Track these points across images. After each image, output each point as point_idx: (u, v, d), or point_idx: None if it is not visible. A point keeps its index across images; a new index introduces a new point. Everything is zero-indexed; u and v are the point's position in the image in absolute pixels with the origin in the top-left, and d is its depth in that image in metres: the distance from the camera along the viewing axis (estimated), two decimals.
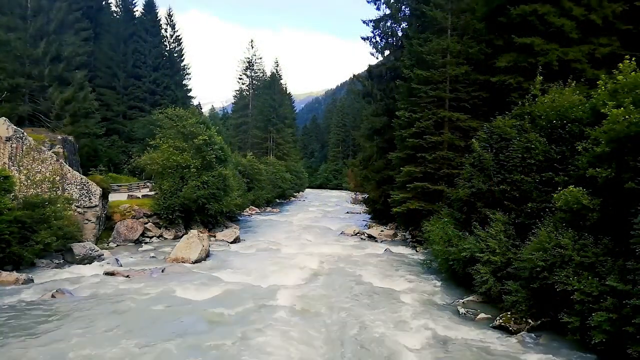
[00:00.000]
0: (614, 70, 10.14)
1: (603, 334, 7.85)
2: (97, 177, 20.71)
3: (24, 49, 26.87)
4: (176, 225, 22.58)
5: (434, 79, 19.99)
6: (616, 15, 16.05)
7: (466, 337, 9.39)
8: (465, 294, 12.45)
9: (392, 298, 12.27)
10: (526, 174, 11.71)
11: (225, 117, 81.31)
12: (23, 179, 16.08)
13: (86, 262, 15.37)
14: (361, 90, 32.40)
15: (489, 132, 13.69)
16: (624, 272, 8.04)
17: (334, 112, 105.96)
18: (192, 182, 22.36)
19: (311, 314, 10.62)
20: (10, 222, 13.26)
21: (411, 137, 20.21)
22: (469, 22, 20.10)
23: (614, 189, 8.95)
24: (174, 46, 49.03)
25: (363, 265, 16.37)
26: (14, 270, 13.21)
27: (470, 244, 12.04)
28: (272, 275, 14.57)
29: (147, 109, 41.33)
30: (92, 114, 32.79)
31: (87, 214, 18.32)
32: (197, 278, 13.71)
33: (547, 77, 14.30)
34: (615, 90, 9.74)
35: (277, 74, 67.25)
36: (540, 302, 9.78)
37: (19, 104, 26.97)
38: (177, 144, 23.29)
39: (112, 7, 47.27)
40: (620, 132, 8.69)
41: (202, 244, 16.99)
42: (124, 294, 11.61)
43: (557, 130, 11.63)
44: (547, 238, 9.53)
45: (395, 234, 24.70)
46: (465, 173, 14.32)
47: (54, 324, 9.24)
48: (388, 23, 28.60)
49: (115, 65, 42.63)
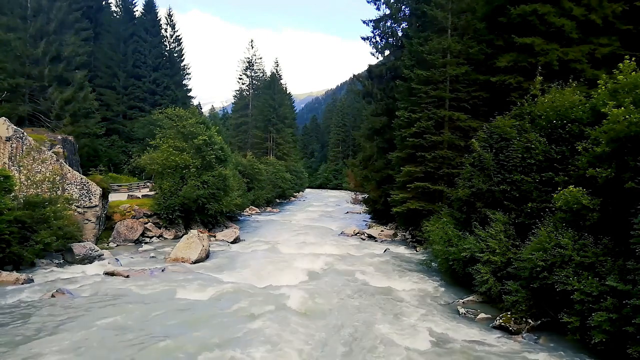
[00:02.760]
0: (614, 70, 10.14)
1: (603, 334, 7.85)
2: (97, 177, 20.71)
3: (24, 49, 26.90)
4: (176, 225, 22.59)
5: (434, 78, 19.99)
6: (616, 15, 16.04)
7: (466, 337, 9.38)
8: (465, 294, 12.46)
9: (392, 298, 12.27)
10: (526, 174, 11.71)
11: (225, 117, 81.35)
12: (23, 179, 16.09)
13: (86, 262, 15.37)
14: (361, 90, 32.40)
15: (488, 132, 13.69)
16: (624, 272, 8.04)
17: (334, 112, 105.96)
18: (192, 182, 22.36)
19: (311, 313, 10.62)
20: (11, 222, 13.28)
21: (411, 137, 20.20)
22: (469, 22, 20.09)
23: (614, 189, 8.95)
24: (174, 46, 49.05)
25: (363, 265, 16.36)
26: (14, 270, 13.22)
27: (470, 244, 12.04)
28: (272, 275, 14.57)
29: (147, 109, 41.35)
30: (92, 114, 32.83)
31: (87, 214, 18.32)
32: (197, 278, 13.70)
33: (547, 77, 14.31)
34: (615, 90, 9.74)
35: (277, 74, 67.26)
36: (540, 302, 9.78)
37: (19, 104, 27.00)
38: (177, 144, 23.30)
39: (112, 7, 47.37)
40: (620, 132, 8.69)
41: (202, 244, 16.99)
42: (124, 294, 11.62)
43: (557, 130, 11.62)
44: (547, 238, 9.53)
45: (395, 234, 24.71)
46: (465, 173, 14.32)
47: (54, 324, 9.23)
48: (388, 23, 28.62)
49: (115, 65, 42.64)
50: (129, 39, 43.98)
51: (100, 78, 41.25)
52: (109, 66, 42.31)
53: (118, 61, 42.79)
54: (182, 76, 49.87)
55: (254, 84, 68.21)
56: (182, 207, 22.18)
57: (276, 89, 64.71)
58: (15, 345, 8.10)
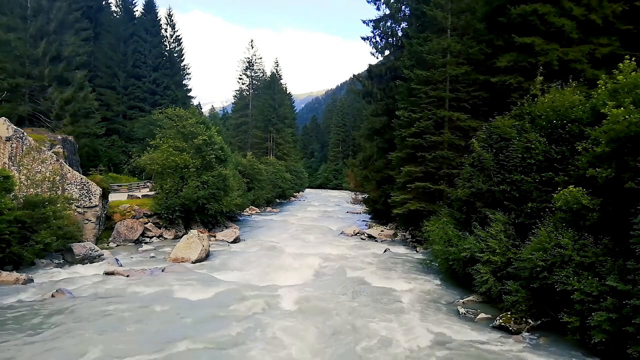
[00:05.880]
0: (614, 70, 10.15)
1: (603, 333, 7.86)
2: (97, 177, 20.71)
3: (24, 49, 26.90)
4: (176, 225, 22.59)
5: (434, 78, 19.99)
6: (616, 15, 16.04)
7: (466, 337, 9.38)
8: (465, 294, 12.45)
9: (392, 298, 12.26)
10: (526, 174, 11.70)
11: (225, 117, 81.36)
12: (23, 178, 16.08)
13: (86, 262, 15.37)
14: (361, 90, 32.38)
15: (488, 132, 13.69)
16: (624, 272, 8.05)
17: (334, 112, 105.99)
18: (192, 182, 22.36)
19: (311, 313, 10.62)
20: (11, 222, 13.27)
21: (411, 137, 20.20)
22: (469, 22, 20.10)
23: (614, 189, 8.95)
24: (174, 46, 49.09)
25: (363, 265, 16.36)
26: (14, 270, 13.22)
27: (470, 244, 12.04)
28: (272, 275, 14.58)
29: (147, 109, 41.36)
30: (92, 114, 32.84)
31: (87, 214, 18.32)
32: (197, 278, 13.70)
33: (547, 77, 14.30)
34: (615, 90, 9.74)
35: (277, 74, 67.24)
36: (540, 302, 9.78)
37: (19, 104, 27.00)
38: (177, 144, 23.29)
39: (112, 7, 47.39)
40: (620, 132, 8.70)
41: (202, 244, 16.99)
42: (124, 294, 11.62)
43: (557, 130, 11.62)
44: (547, 238, 9.53)
45: (395, 234, 24.71)
46: (465, 173, 14.32)
47: (54, 324, 9.23)
48: (388, 23, 28.62)
49: (115, 65, 42.66)
50: (129, 39, 43.99)
51: (100, 78, 41.26)
52: (109, 66, 42.32)
53: (118, 61, 42.80)
54: (182, 76, 49.91)
55: (254, 84, 68.21)
56: (183, 207, 22.18)
57: (276, 89, 64.70)
58: (15, 345, 8.09)
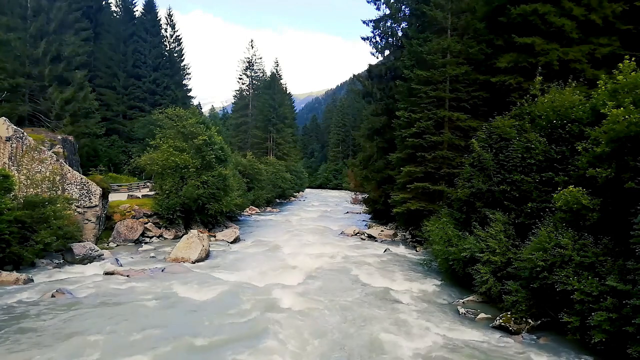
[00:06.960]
0: (614, 70, 10.15)
1: (603, 333, 7.86)
2: (97, 177, 20.71)
3: (24, 49, 26.88)
4: (176, 225, 22.59)
5: (434, 79, 19.98)
6: (616, 15, 16.05)
7: (466, 337, 9.38)
8: (465, 294, 12.46)
9: (392, 298, 12.26)
10: (526, 174, 11.71)
11: (225, 117, 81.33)
12: (23, 178, 16.08)
13: (86, 262, 15.37)
14: (361, 90, 32.40)
15: (488, 132, 13.69)
16: (624, 272, 8.04)
17: (334, 112, 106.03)
18: (192, 182, 22.36)
19: (311, 313, 10.61)
20: (10, 222, 13.27)
21: (411, 137, 20.20)
22: (469, 22, 20.09)
23: (614, 189, 8.95)
24: (174, 46, 49.10)
25: (363, 265, 16.36)
26: (14, 270, 13.22)
27: (470, 244, 12.04)
28: (272, 275, 14.57)
29: (147, 109, 41.37)
30: (92, 114, 32.84)
31: (87, 214, 18.32)
32: (197, 278, 13.70)
33: (547, 77, 14.31)
34: (615, 90, 9.74)
35: (277, 74, 67.22)
36: (540, 302, 9.78)
37: (19, 104, 26.98)
38: (177, 144, 23.30)
39: (112, 7, 47.41)
40: (620, 132, 8.70)
41: (202, 244, 16.99)
42: (124, 294, 11.62)
43: (557, 130, 11.63)
44: (547, 238, 9.53)
45: (395, 234, 24.70)
46: (465, 173, 14.32)
47: (53, 324, 9.23)
48: (388, 23, 28.61)
49: (115, 65, 42.67)
50: (129, 39, 44.01)
51: (100, 78, 41.28)
52: (109, 66, 42.33)
53: (118, 61, 42.82)
54: (182, 76, 49.92)
55: (254, 84, 68.16)
56: (183, 207, 22.18)
57: (276, 89, 64.68)
58: (15, 345, 8.10)
